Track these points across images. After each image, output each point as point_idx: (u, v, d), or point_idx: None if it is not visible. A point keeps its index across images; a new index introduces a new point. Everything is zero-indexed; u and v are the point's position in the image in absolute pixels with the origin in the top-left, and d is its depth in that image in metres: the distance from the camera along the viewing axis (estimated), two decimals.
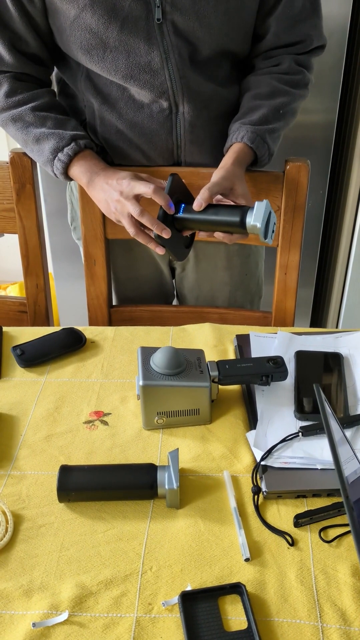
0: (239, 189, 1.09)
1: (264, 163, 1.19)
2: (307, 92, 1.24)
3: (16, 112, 1.16)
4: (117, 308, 1.40)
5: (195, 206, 1.05)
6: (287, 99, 1.18)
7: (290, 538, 0.79)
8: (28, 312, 1.42)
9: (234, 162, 1.12)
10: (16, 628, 0.70)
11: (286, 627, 0.70)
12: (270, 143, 1.16)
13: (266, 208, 1.02)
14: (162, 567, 0.76)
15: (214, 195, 1.06)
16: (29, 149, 1.20)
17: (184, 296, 1.50)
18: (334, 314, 2.03)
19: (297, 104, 1.21)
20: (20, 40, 1.14)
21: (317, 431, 0.92)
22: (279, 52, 1.20)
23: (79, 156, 1.16)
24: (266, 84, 1.19)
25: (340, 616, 0.71)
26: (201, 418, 0.97)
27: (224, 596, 0.73)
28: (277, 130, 1.18)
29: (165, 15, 1.07)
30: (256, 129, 1.14)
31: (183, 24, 1.08)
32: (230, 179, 1.09)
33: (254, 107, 1.17)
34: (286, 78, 1.19)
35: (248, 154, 1.15)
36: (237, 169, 1.11)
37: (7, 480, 0.89)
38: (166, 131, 1.20)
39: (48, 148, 1.16)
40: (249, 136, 1.13)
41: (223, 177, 1.08)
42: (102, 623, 0.71)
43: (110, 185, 1.12)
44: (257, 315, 1.38)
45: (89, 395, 1.04)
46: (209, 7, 1.08)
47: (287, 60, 1.20)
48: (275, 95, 1.18)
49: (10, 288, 2.47)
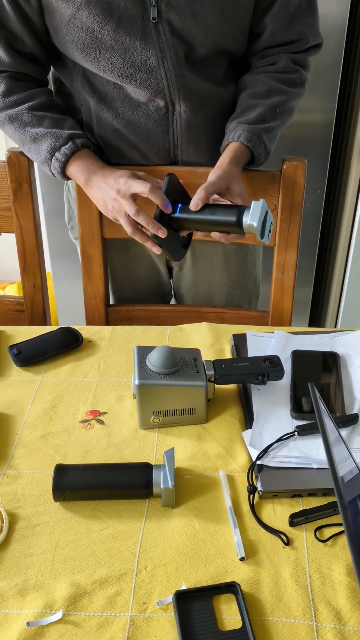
0: (236, 189, 1.09)
1: (261, 162, 1.19)
2: (303, 91, 1.23)
3: (13, 111, 1.16)
4: (114, 307, 1.40)
5: (191, 206, 1.05)
6: (284, 97, 1.18)
7: (286, 537, 0.79)
8: (25, 312, 1.42)
9: (230, 162, 1.11)
10: (10, 627, 0.70)
11: (281, 626, 0.70)
12: (267, 142, 1.16)
13: (262, 207, 1.02)
14: (157, 566, 0.76)
15: (211, 195, 1.05)
16: (26, 149, 1.20)
17: (182, 296, 1.49)
18: (332, 314, 2.03)
19: (293, 103, 1.21)
20: (17, 39, 1.14)
21: (313, 430, 0.92)
22: (275, 50, 1.20)
23: (76, 155, 1.16)
24: (262, 83, 1.19)
25: (335, 615, 0.71)
26: (197, 417, 0.96)
27: (219, 595, 0.73)
28: (274, 129, 1.18)
29: (161, 14, 1.07)
30: (252, 128, 1.14)
31: (179, 23, 1.08)
32: (227, 178, 1.08)
33: (250, 106, 1.17)
34: (282, 77, 1.19)
35: (245, 153, 1.15)
36: (233, 168, 1.11)
37: (3, 479, 0.89)
38: (163, 130, 1.20)
39: (45, 147, 1.16)
40: (246, 135, 1.13)
41: (219, 176, 1.08)
42: (96, 622, 0.71)
43: (107, 183, 1.12)
44: (255, 315, 1.38)
45: (85, 394, 1.04)
46: (205, 5, 1.08)
47: (284, 59, 1.19)
48: (271, 94, 1.17)
49: (9, 287, 2.46)
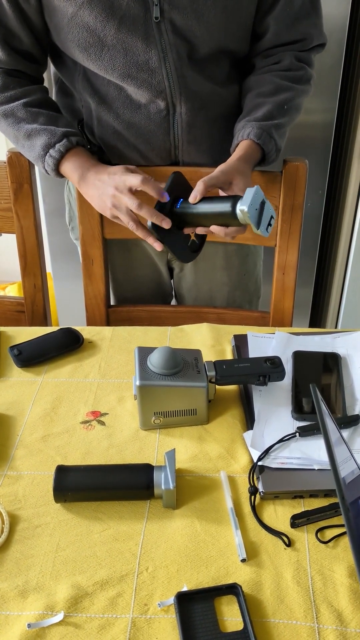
0: (240, 184, 1.07)
1: (272, 159, 1.17)
2: (310, 88, 1.22)
3: (8, 107, 1.16)
4: (115, 308, 1.40)
5: (190, 199, 1.04)
6: (291, 94, 1.17)
7: (287, 539, 0.79)
8: (26, 312, 1.42)
9: (239, 158, 1.11)
10: (11, 629, 0.70)
11: (282, 628, 0.70)
12: (277, 138, 1.15)
13: (256, 193, 1.00)
14: (158, 568, 0.76)
15: (209, 187, 1.05)
16: (20, 145, 1.19)
17: (182, 296, 1.49)
18: (333, 314, 2.03)
19: (300, 100, 1.20)
20: (14, 37, 1.13)
21: (315, 431, 0.92)
22: (279, 50, 1.20)
23: (70, 153, 1.16)
24: (268, 82, 1.18)
25: (337, 617, 0.71)
26: (198, 418, 0.96)
27: (220, 597, 0.73)
28: (283, 125, 1.17)
29: (164, 13, 1.07)
30: (262, 125, 1.13)
31: (181, 22, 1.08)
32: (230, 172, 1.07)
33: (257, 104, 1.16)
34: (288, 74, 1.18)
35: (255, 150, 1.14)
36: (240, 164, 1.10)
37: (4, 480, 0.89)
38: (163, 132, 1.20)
39: (40, 144, 1.15)
40: (255, 132, 1.12)
41: (221, 170, 1.07)
42: (97, 624, 0.70)
43: (102, 181, 1.12)
44: (255, 315, 1.38)
45: (86, 395, 1.04)
46: (207, 5, 1.07)
47: (288, 57, 1.19)
48: (278, 92, 1.17)
49: (9, 288, 2.46)
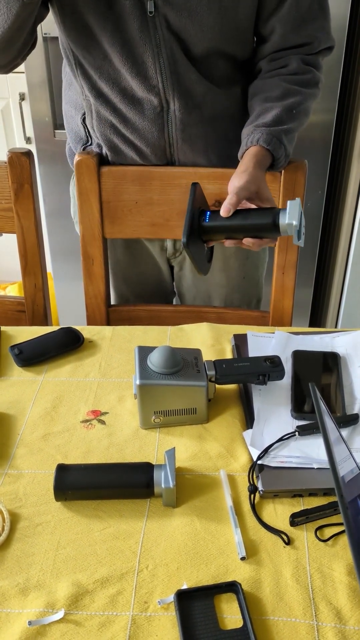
0: (265, 193, 1.05)
1: (281, 165, 1.15)
2: (318, 92, 1.20)
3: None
4: (115, 307, 1.40)
5: (223, 212, 1.00)
6: (299, 98, 1.15)
7: (286, 537, 0.80)
8: (26, 312, 1.42)
9: (255, 166, 1.07)
10: (12, 626, 0.70)
11: (281, 625, 0.70)
12: (287, 144, 1.12)
13: (299, 207, 0.98)
14: (158, 566, 0.77)
15: (242, 199, 1.02)
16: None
17: (183, 294, 1.50)
18: (333, 314, 2.03)
19: (309, 103, 1.18)
20: None
21: (314, 430, 0.92)
22: (286, 53, 1.18)
23: None
24: (276, 86, 1.16)
25: (336, 615, 0.71)
26: (198, 417, 0.97)
27: (220, 595, 0.73)
28: (292, 130, 1.14)
29: (158, 8, 1.07)
30: (271, 130, 1.10)
31: (175, 19, 1.08)
32: (256, 182, 1.05)
33: (265, 109, 1.14)
34: (296, 78, 1.16)
35: (266, 156, 1.11)
36: (259, 172, 1.07)
37: (4, 479, 0.89)
38: (158, 128, 1.20)
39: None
40: (265, 138, 1.10)
41: (249, 181, 1.04)
42: (97, 621, 0.71)
43: None
44: (255, 315, 1.38)
45: (87, 394, 1.04)
46: (202, 5, 1.07)
47: (295, 60, 1.17)
48: (286, 96, 1.14)
49: (10, 288, 2.46)
